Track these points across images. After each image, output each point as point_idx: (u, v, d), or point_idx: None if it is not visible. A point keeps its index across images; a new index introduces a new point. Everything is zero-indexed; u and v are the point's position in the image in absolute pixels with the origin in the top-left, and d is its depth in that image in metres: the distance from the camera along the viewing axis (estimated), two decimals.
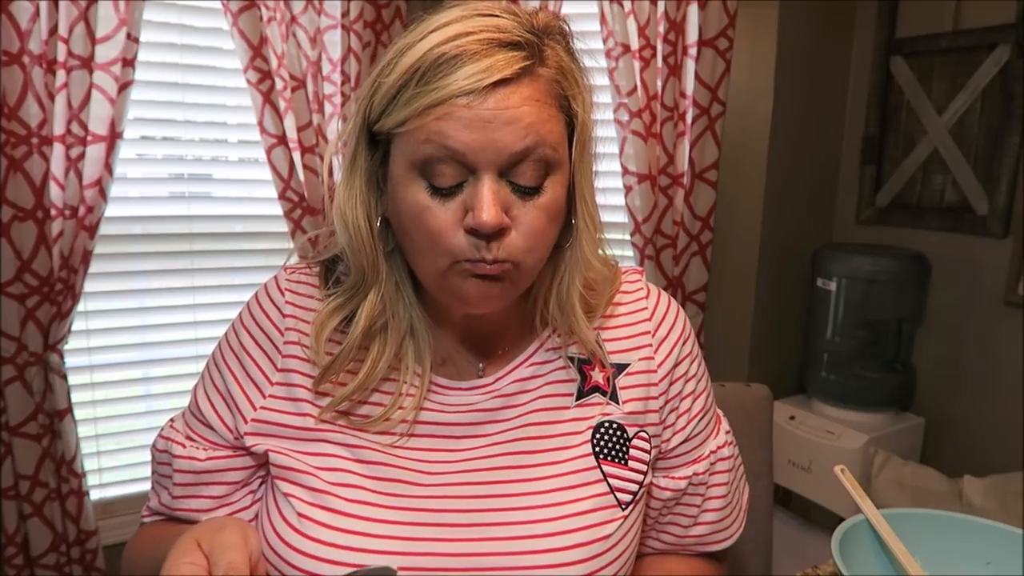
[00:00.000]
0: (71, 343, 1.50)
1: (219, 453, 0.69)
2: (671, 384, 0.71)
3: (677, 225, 1.81)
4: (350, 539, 0.61)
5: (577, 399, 0.69)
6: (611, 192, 1.80)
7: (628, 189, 1.75)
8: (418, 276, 0.64)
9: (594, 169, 0.65)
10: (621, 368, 0.70)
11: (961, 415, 1.89)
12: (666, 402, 0.71)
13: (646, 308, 0.73)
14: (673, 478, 0.72)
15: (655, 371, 0.71)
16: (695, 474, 0.72)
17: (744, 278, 1.98)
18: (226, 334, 0.72)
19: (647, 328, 0.72)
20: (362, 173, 0.62)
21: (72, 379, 1.51)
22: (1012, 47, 1.70)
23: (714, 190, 1.80)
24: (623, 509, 0.66)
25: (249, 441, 0.67)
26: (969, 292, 1.85)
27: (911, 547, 0.69)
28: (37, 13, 1.30)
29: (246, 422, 0.67)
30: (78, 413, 1.53)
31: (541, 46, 0.59)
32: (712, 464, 0.74)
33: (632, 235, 1.78)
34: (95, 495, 1.65)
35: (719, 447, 0.75)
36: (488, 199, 0.56)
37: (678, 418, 0.72)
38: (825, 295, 1.90)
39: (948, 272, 1.87)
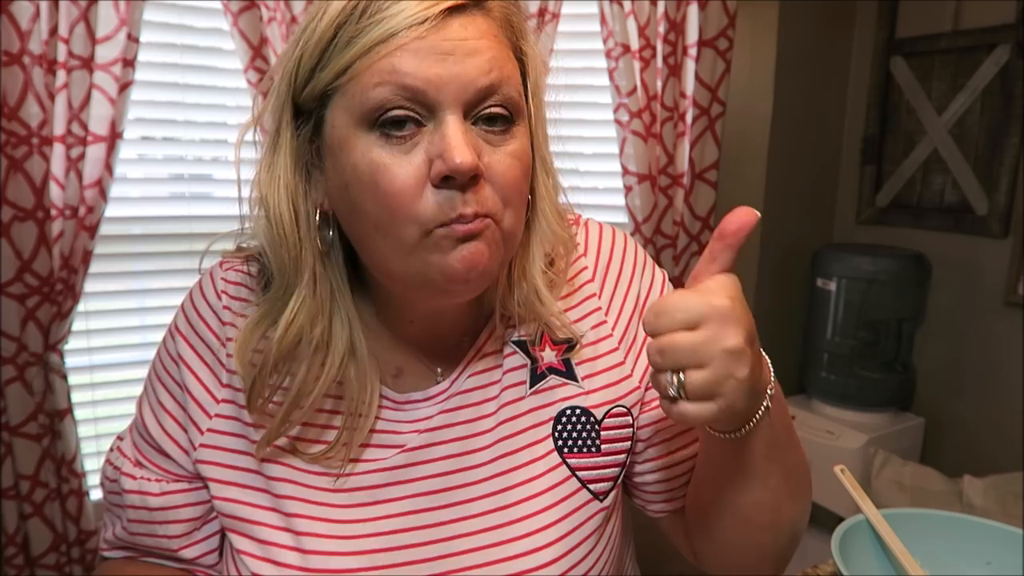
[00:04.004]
0: (71, 343, 1.50)
1: (174, 487, 0.60)
2: (634, 341, 0.63)
3: (677, 225, 1.81)
4: None
5: (531, 387, 0.60)
6: (611, 192, 1.80)
7: (628, 189, 1.75)
8: (379, 270, 0.54)
9: (549, 132, 0.58)
10: (572, 343, 0.61)
11: (961, 415, 1.89)
12: (636, 361, 0.63)
13: (586, 267, 0.64)
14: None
15: (611, 335, 0.62)
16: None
17: (744, 278, 1.97)
18: (164, 341, 0.63)
19: (592, 290, 0.63)
20: (287, 153, 0.53)
21: (72, 379, 1.51)
22: (1012, 47, 1.70)
23: (714, 190, 1.80)
24: (601, 500, 0.59)
25: (201, 469, 0.59)
26: (969, 292, 1.85)
27: (911, 547, 0.69)
28: (37, 13, 1.30)
29: (195, 447, 0.59)
30: (78, 413, 1.52)
31: None
32: None
33: (632, 235, 1.78)
34: (95, 495, 1.65)
35: None
36: (459, 138, 0.48)
37: None
38: (825, 295, 1.90)
39: (948, 272, 1.87)
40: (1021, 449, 1.72)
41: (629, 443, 0.62)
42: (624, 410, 0.61)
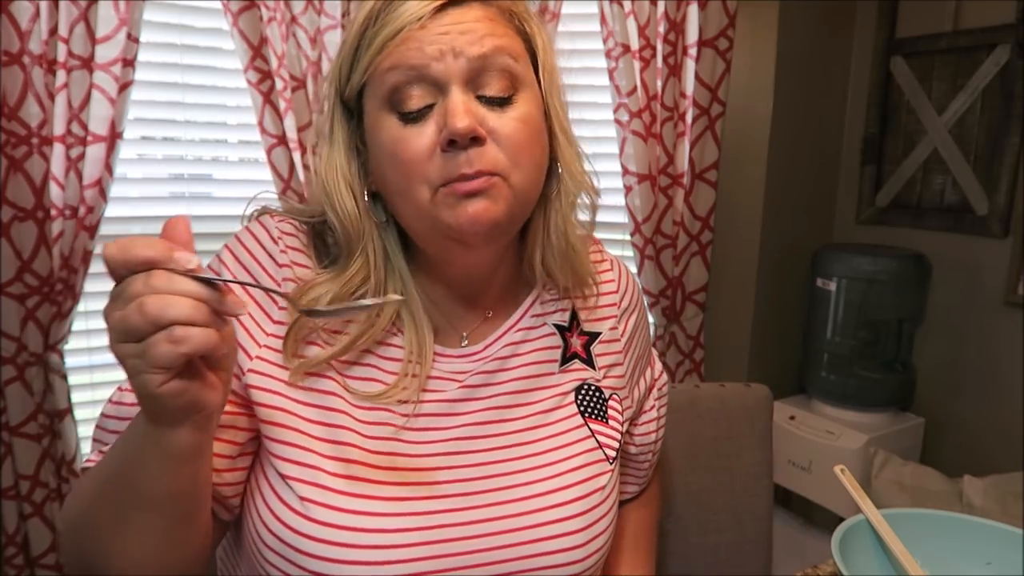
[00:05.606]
0: (71, 343, 1.50)
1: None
2: (630, 350, 0.77)
3: (677, 225, 1.81)
4: (352, 519, 0.59)
5: (560, 365, 0.72)
6: (611, 192, 1.80)
7: (628, 189, 1.75)
8: (408, 228, 0.63)
9: (566, 99, 0.65)
10: (594, 337, 0.74)
11: (961, 415, 1.89)
12: (629, 368, 0.77)
13: (613, 280, 0.77)
14: (637, 434, 0.81)
15: (619, 340, 0.76)
16: (655, 419, 0.82)
17: (744, 278, 1.98)
18: (209, 269, 0.66)
19: (614, 300, 0.77)
20: (340, 144, 0.63)
21: (72, 379, 1.51)
22: (1012, 47, 1.70)
23: (714, 190, 1.80)
24: (610, 463, 0.70)
25: (252, 380, 0.61)
26: (969, 292, 1.85)
27: (911, 547, 0.69)
28: (37, 13, 1.30)
29: (243, 372, 0.62)
30: (78, 413, 1.52)
31: None
32: (660, 390, 0.84)
33: (632, 235, 1.78)
34: None
35: (660, 373, 0.85)
36: (458, 105, 0.56)
37: (640, 380, 0.80)
38: (825, 295, 1.90)
39: (948, 272, 1.87)
40: (1021, 449, 1.72)
41: (622, 426, 0.74)
42: (619, 398, 0.75)
